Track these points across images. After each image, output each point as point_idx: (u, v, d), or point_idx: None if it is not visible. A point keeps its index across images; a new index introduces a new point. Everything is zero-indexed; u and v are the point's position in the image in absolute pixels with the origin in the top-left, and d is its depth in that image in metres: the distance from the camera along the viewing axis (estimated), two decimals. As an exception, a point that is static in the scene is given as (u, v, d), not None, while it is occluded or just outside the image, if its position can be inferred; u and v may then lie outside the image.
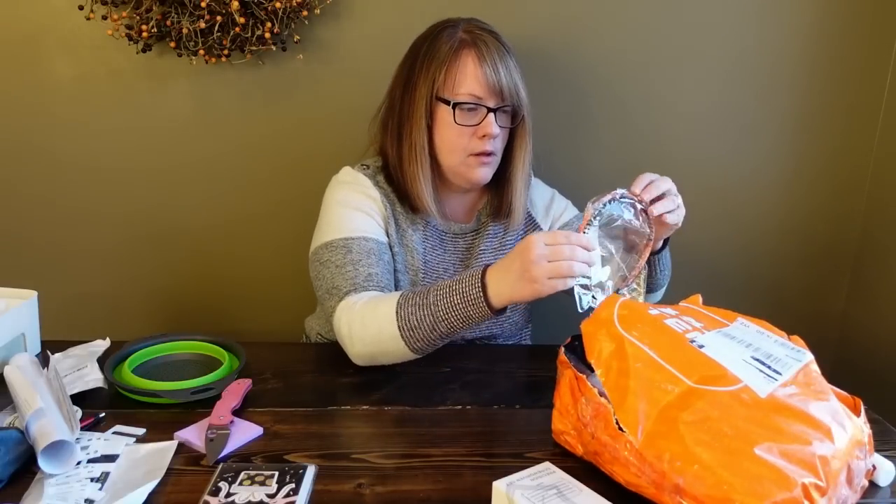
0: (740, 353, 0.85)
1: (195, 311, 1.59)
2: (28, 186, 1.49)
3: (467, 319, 1.03)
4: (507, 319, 1.27)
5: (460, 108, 1.14)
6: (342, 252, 1.15)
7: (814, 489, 0.71)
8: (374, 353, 1.08)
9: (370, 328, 1.06)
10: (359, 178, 1.22)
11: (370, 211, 1.20)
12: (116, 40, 1.37)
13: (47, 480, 0.80)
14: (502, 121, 1.17)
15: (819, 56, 1.53)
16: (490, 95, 1.14)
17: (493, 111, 1.14)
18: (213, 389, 1.00)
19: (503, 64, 1.14)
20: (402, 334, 1.04)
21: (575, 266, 0.95)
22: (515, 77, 1.16)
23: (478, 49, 1.14)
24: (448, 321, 1.03)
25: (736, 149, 1.57)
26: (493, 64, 1.13)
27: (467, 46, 1.14)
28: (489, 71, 1.13)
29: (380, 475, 0.85)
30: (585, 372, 0.87)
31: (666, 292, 1.31)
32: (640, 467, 0.77)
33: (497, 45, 1.15)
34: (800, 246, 1.65)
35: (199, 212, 1.53)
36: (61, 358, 1.10)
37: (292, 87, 1.46)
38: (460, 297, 1.02)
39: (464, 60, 1.14)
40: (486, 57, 1.13)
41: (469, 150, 1.16)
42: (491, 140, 1.15)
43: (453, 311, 1.02)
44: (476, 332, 1.26)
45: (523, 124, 1.20)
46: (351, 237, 1.16)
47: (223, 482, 0.80)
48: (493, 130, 1.14)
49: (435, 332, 1.04)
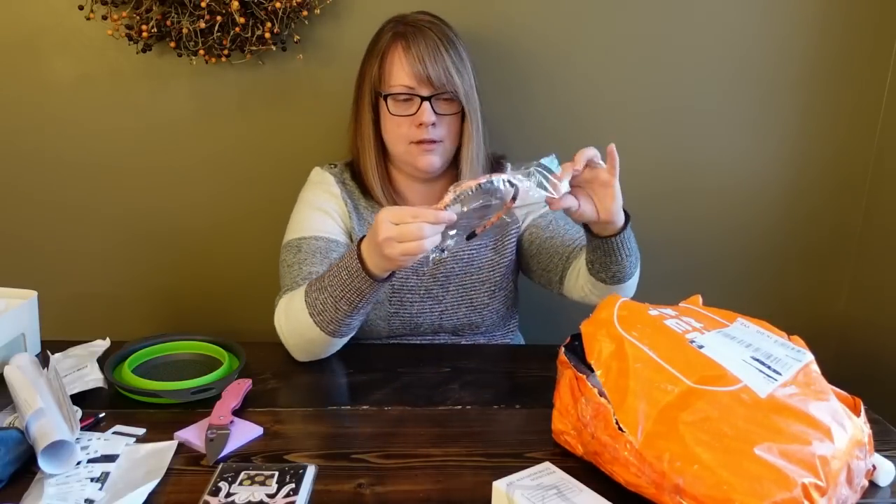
0: (740, 353, 0.85)
1: (195, 311, 1.59)
2: (28, 186, 1.49)
3: (359, 292, 1.04)
4: (485, 307, 1.27)
5: (394, 98, 1.17)
6: (293, 252, 1.20)
7: (814, 489, 0.71)
8: (302, 344, 1.12)
9: (292, 321, 1.11)
10: (325, 176, 1.28)
11: (329, 209, 1.24)
12: (116, 40, 1.37)
13: (47, 480, 0.80)
14: (442, 108, 1.18)
15: (818, 56, 1.53)
16: (421, 84, 1.16)
17: (428, 99, 1.16)
18: (213, 389, 1.00)
19: (433, 53, 1.16)
20: (314, 320, 1.07)
21: (425, 243, 0.95)
22: (450, 66, 1.16)
23: (406, 40, 1.16)
24: (345, 298, 1.05)
25: (735, 149, 1.57)
26: (420, 54, 1.15)
27: (398, 39, 1.17)
28: (415, 61, 1.15)
29: (380, 475, 0.85)
30: (585, 372, 0.87)
31: (666, 293, 1.30)
32: (640, 467, 0.77)
33: (429, 35, 1.17)
34: (800, 246, 1.64)
35: (199, 211, 1.53)
36: (61, 358, 1.10)
37: (292, 87, 1.46)
38: (346, 272, 1.04)
39: (395, 53, 1.17)
40: (413, 47, 1.16)
41: (409, 138, 1.19)
42: (429, 128, 1.17)
43: (344, 287, 1.04)
44: (455, 320, 1.27)
45: (468, 112, 1.20)
46: (303, 237, 1.21)
47: (223, 482, 0.80)
48: (426, 118, 1.16)
49: (339, 311, 1.06)
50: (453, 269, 1.26)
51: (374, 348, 1.24)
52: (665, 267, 1.63)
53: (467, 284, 1.27)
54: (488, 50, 1.44)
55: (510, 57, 1.48)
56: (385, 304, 1.24)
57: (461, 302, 1.26)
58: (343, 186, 1.27)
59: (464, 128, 1.22)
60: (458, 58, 1.19)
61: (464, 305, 1.27)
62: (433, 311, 1.26)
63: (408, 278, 1.25)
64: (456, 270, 1.26)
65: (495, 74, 1.46)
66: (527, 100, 1.51)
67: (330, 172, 1.29)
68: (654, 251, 1.62)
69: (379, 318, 1.24)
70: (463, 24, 1.26)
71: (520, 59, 1.49)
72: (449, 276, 1.26)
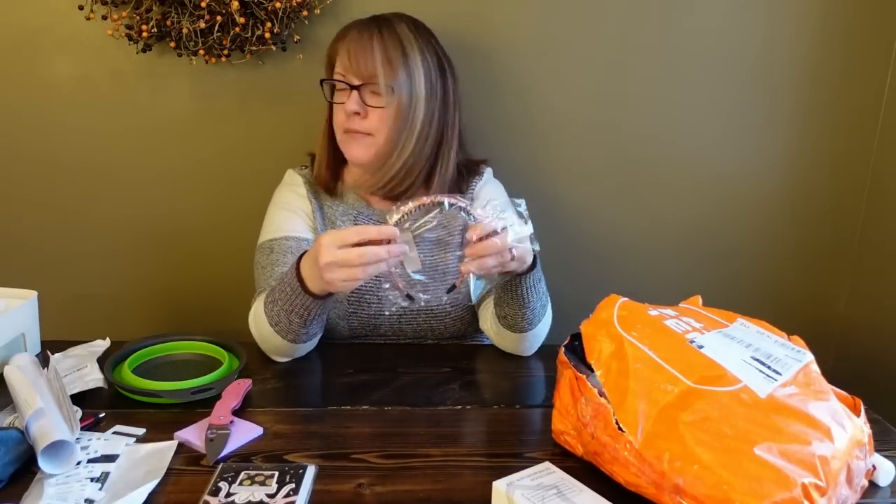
0: (740, 353, 0.85)
1: (195, 311, 1.59)
2: (28, 186, 1.49)
3: (306, 308, 1.05)
4: (447, 316, 1.25)
5: (329, 84, 1.21)
6: (266, 253, 1.22)
7: (814, 489, 0.71)
8: (271, 348, 1.13)
9: (259, 327, 1.13)
10: (294, 177, 1.31)
11: (295, 208, 1.26)
12: (116, 40, 1.37)
13: (47, 480, 0.80)
14: (371, 101, 1.18)
15: (818, 58, 1.52)
16: (353, 74, 1.17)
17: (356, 88, 1.17)
18: (213, 389, 1.00)
19: (368, 44, 1.16)
20: (273, 329, 1.09)
21: (369, 269, 0.94)
22: (379, 58, 1.15)
23: (355, 32, 1.18)
24: (295, 311, 1.05)
25: (735, 150, 1.57)
26: (360, 45, 1.16)
27: (349, 30, 1.19)
28: (352, 50, 1.16)
29: (380, 475, 0.85)
30: (585, 372, 0.87)
31: (666, 293, 1.30)
32: (640, 467, 0.77)
33: (380, 29, 1.17)
34: (800, 246, 1.64)
35: (199, 211, 1.53)
36: (61, 358, 1.10)
37: (292, 87, 1.46)
38: (290, 289, 1.05)
39: (340, 41, 1.20)
40: (355, 38, 1.17)
41: (342, 127, 1.20)
42: (354, 117, 1.17)
43: (291, 302, 1.05)
44: (415, 325, 1.25)
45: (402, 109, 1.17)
46: (275, 238, 1.23)
47: (223, 482, 0.80)
48: (348, 106, 1.17)
49: (293, 323, 1.07)
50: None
51: (375, 348, 1.24)
52: (665, 267, 1.63)
53: (429, 290, 1.22)
54: (473, 54, 1.44)
55: (499, 60, 1.48)
56: (343, 303, 1.22)
57: (421, 308, 1.23)
58: (309, 186, 1.29)
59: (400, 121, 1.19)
60: (402, 53, 1.16)
61: (423, 312, 1.24)
62: (392, 314, 1.24)
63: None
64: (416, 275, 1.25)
65: (481, 78, 1.46)
66: (524, 102, 1.51)
67: (300, 174, 1.31)
68: (654, 252, 1.63)
69: (338, 317, 1.23)
70: (448, 28, 1.27)
71: (518, 60, 1.48)
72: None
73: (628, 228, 1.60)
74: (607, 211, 1.59)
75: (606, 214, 1.59)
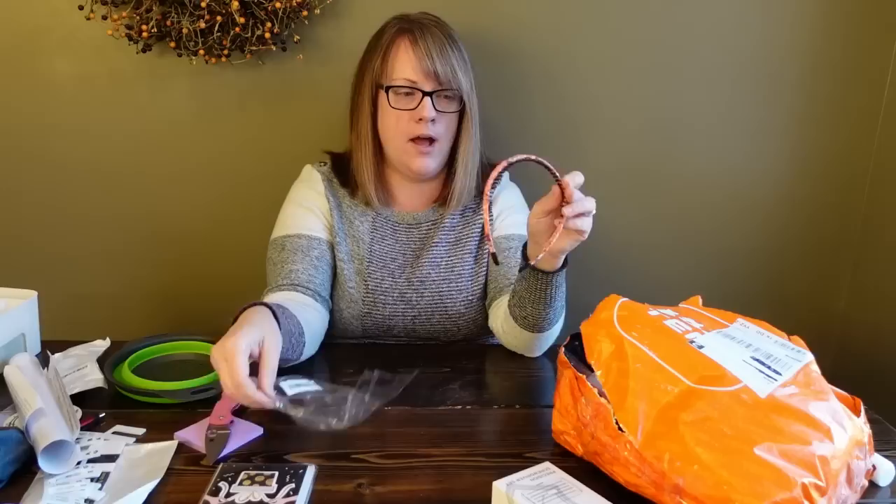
0: (740, 353, 0.85)
1: (195, 311, 1.58)
2: (28, 186, 1.49)
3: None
4: (461, 317, 1.26)
5: (395, 91, 1.17)
6: (278, 249, 1.22)
7: (813, 489, 0.71)
8: None
9: None
10: (312, 174, 1.29)
11: (312, 206, 1.25)
12: (116, 40, 1.37)
13: (47, 480, 0.80)
14: (442, 105, 1.18)
15: (818, 57, 1.52)
16: (425, 79, 1.16)
17: (430, 95, 1.16)
18: (213, 389, 1.00)
19: (439, 49, 1.16)
20: None
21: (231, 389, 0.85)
22: (454, 63, 1.17)
23: (412, 35, 1.17)
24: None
25: (736, 150, 1.57)
26: (427, 49, 1.15)
27: (403, 34, 1.18)
28: (422, 55, 1.15)
29: (380, 475, 0.85)
30: (585, 372, 0.87)
31: (666, 293, 1.30)
32: (640, 467, 0.77)
33: (436, 33, 1.17)
34: (800, 246, 1.64)
35: (199, 211, 1.53)
36: (61, 358, 1.10)
37: (292, 87, 1.46)
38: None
39: (399, 47, 1.17)
40: (420, 42, 1.16)
41: (407, 134, 1.18)
42: (428, 124, 1.17)
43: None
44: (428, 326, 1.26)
45: (466, 111, 1.21)
46: (288, 234, 1.22)
47: (223, 482, 0.80)
48: (426, 113, 1.16)
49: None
50: (429, 274, 1.25)
51: (375, 348, 1.24)
52: (665, 268, 1.63)
53: (443, 292, 1.25)
54: (487, 52, 1.44)
55: (510, 59, 1.48)
56: (359, 303, 1.23)
57: (435, 309, 1.25)
58: (328, 184, 1.27)
59: (462, 127, 1.22)
60: (461, 58, 1.19)
61: (437, 313, 1.25)
62: (406, 315, 1.25)
63: (383, 279, 1.24)
64: (432, 276, 1.25)
65: (494, 76, 1.46)
66: (525, 102, 1.51)
67: (318, 171, 1.29)
68: (654, 252, 1.63)
69: (352, 316, 1.23)
70: (462, 25, 1.26)
71: (520, 61, 1.49)
72: (425, 281, 1.25)
73: (628, 228, 1.60)
74: (607, 211, 1.58)
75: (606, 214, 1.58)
